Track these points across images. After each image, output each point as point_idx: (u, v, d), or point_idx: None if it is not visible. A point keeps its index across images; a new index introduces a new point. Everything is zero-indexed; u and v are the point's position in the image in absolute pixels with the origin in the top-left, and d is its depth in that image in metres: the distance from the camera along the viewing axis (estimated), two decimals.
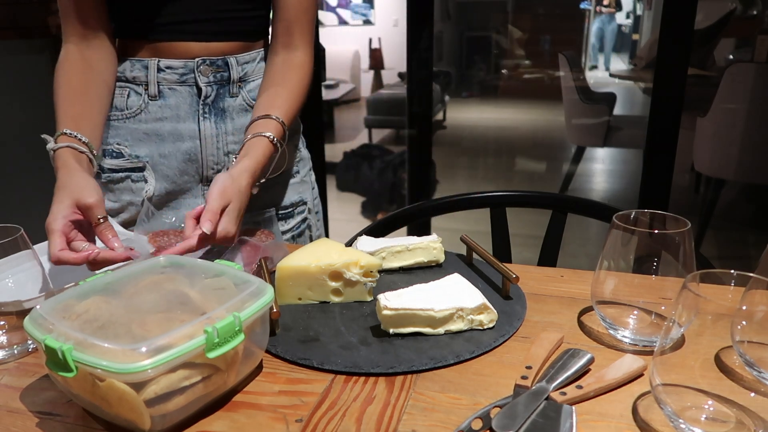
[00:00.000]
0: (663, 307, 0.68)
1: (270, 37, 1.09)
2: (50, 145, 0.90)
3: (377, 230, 1.19)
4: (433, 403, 0.59)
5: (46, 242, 0.96)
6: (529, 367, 0.62)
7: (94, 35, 1.00)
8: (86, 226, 0.83)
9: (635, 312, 0.70)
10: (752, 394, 0.51)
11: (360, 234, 1.07)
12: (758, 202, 3.40)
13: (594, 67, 6.56)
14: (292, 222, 1.16)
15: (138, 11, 0.99)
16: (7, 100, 2.45)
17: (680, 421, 0.52)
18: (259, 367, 0.66)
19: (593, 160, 4.41)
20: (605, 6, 6.19)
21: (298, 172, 1.16)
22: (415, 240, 0.90)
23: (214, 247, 0.90)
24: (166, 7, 0.98)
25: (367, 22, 7.56)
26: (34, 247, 0.74)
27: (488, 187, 1.29)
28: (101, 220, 0.82)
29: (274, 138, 0.95)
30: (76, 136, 0.91)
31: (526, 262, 0.98)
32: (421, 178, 2.74)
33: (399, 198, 3.83)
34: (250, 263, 0.87)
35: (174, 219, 1.02)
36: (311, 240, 1.21)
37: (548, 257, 1.17)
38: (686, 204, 3.44)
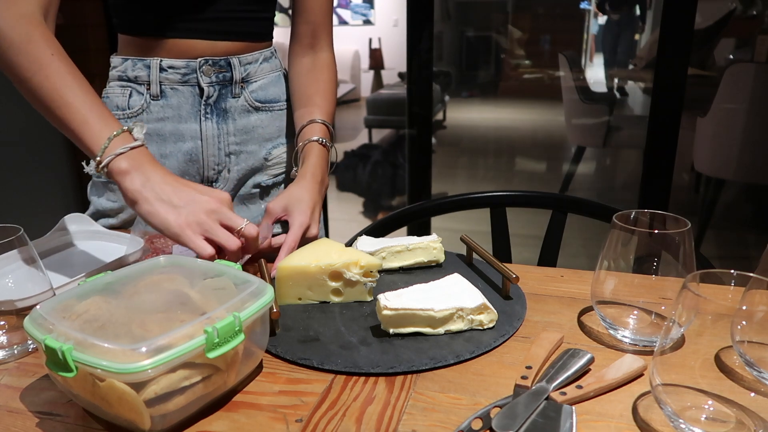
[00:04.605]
0: (663, 307, 0.68)
1: (292, 38, 1.10)
2: (138, 136, 0.81)
3: (377, 230, 1.19)
4: (433, 403, 0.59)
5: (43, 239, 0.96)
6: (529, 367, 0.62)
7: (54, 9, 0.88)
8: None
9: (635, 312, 0.70)
10: (752, 394, 0.51)
11: (360, 234, 1.07)
12: (758, 202, 3.40)
13: (620, 89, 5.21)
14: None
15: (147, 8, 0.99)
16: (7, 100, 2.45)
17: (680, 421, 0.52)
18: (259, 367, 0.66)
19: (593, 160, 4.40)
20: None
21: None
22: (415, 240, 0.90)
23: None
24: (176, 5, 0.98)
25: (367, 22, 7.56)
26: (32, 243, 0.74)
27: (488, 187, 1.29)
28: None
29: (322, 140, 1.01)
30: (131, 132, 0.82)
31: (526, 262, 0.98)
32: (421, 178, 2.74)
33: (399, 195, 3.83)
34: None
35: None
36: None
37: (548, 257, 1.17)
38: (686, 204, 3.44)
